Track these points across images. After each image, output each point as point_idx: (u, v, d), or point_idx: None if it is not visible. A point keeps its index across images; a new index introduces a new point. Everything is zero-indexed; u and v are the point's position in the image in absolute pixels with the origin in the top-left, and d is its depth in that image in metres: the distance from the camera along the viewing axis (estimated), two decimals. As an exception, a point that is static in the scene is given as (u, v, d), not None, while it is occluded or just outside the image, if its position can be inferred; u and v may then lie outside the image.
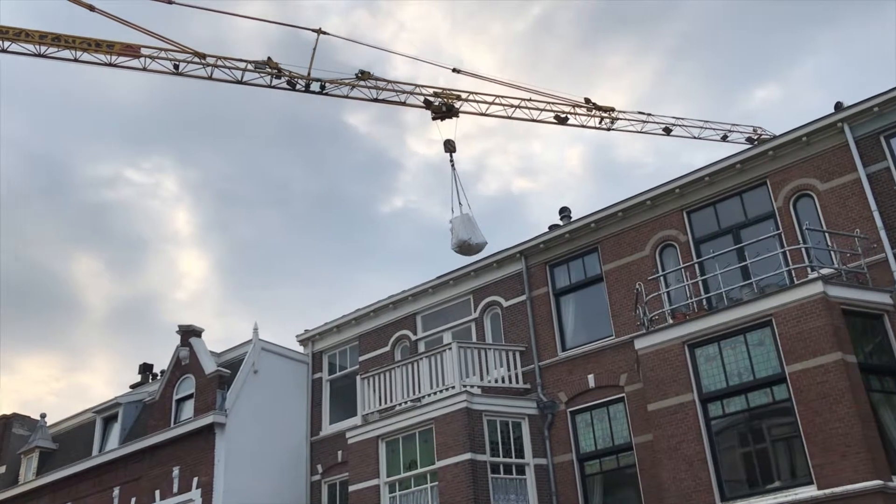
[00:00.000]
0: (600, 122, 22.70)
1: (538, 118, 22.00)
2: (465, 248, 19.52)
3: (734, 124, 23.69)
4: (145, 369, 27.53)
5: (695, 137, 23.14)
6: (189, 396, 21.78)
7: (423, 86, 21.31)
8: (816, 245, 14.88)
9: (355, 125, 67.74)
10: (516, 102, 21.78)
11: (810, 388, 12.76)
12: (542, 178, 67.32)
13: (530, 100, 21.91)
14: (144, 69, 19.03)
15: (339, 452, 20.55)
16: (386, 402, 18.35)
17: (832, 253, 14.76)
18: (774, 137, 16.31)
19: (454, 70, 22.12)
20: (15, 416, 27.30)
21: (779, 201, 16.02)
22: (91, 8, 18.87)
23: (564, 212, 20.28)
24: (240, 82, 19.79)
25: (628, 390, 16.47)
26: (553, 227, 19.34)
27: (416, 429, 17.25)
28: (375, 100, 21.05)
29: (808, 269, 14.48)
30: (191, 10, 20.40)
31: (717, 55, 63.12)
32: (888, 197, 14.70)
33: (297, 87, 20.32)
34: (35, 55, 18.34)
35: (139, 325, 64.44)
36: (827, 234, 14.98)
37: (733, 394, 13.75)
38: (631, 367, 16.34)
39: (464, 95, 21.40)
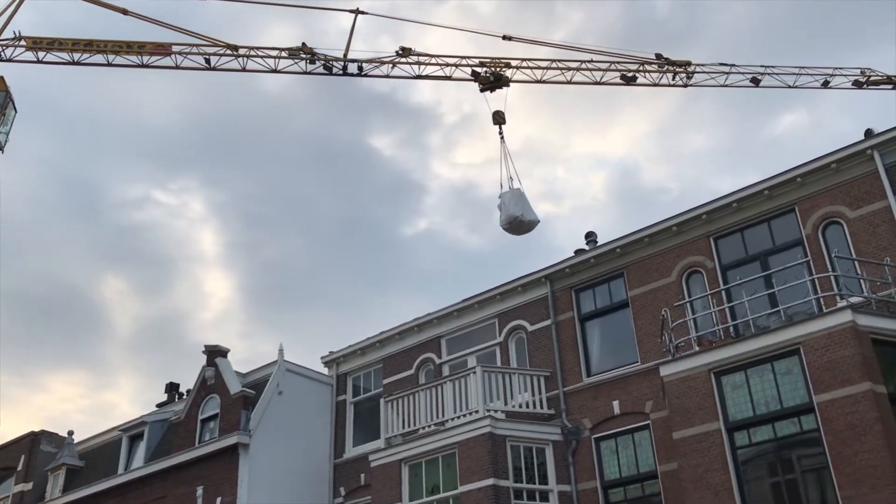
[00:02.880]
0: (674, 78, 20.42)
1: (602, 80, 20.02)
2: (515, 225, 18.19)
3: (837, 67, 20.87)
4: (171, 388, 27.79)
5: (789, 87, 20.51)
6: (214, 416, 21.92)
7: (469, 57, 19.79)
8: (845, 273, 14.71)
9: (380, 148, 68.25)
10: (575, 65, 19.91)
11: (839, 419, 12.57)
12: (565, 203, 67.32)
13: (591, 61, 20.01)
14: (177, 67, 18.67)
15: (363, 475, 20.52)
16: (409, 426, 18.32)
17: (861, 281, 14.57)
18: (803, 164, 16.17)
19: (504, 37, 20.49)
20: (43, 433, 27.51)
21: (807, 228, 15.88)
22: (125, 11, 18.76)
23: (590, 236, 20.21)
24: (275, 71, 19.09)
25: (654, 417, 16.32)
26: (579, 252, 19.29)
27: (440, 453, 17.19)
28: (419, 76, 19.70)
29: (837, 298, 14.31)
30: (223, 4, 19.98)
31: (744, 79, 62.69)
32: (919, 225, 14.51)
33: (335, 70, 19.34)
34: (69, 63, 18.25)
35: (164, 344, 65.06)
36: (856, 262, 14.81)
37: (760, 423, 13.57)
38: (656, 394, 16.20)
39: (514, 63, 19.76)
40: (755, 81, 20.51)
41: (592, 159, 66.11)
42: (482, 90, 19.72)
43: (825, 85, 20.52)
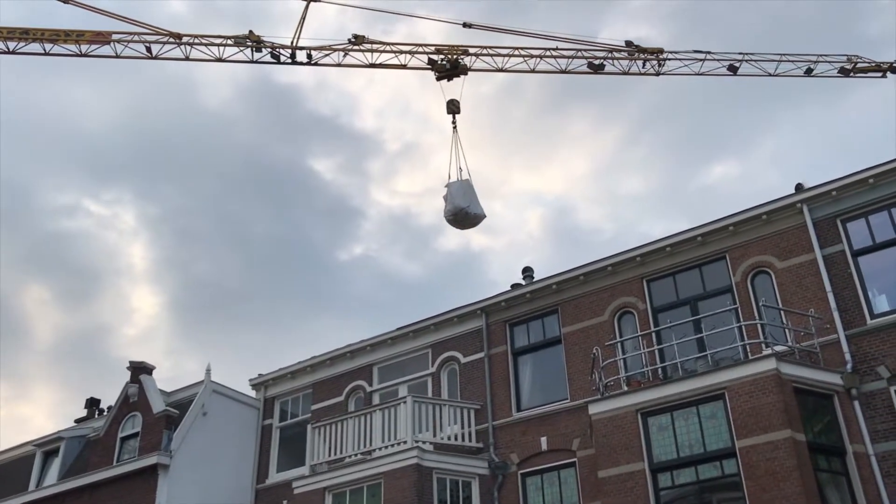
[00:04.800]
0: (644, 66, 19.71)
1: (568, 68, 19.36)
2: (460, 217, 17.72)
3: (821, 54, 19.96)
4: (92, 404, 26.90)
5: (770, 74, 19.76)
6: (135, 435, 21.29)
7: (425, 44, 19.11)
8: (771, 322, 15.13)
9: (320, 171, 67.93)
10: (538, 53, 19.24)
11: (759, 464, 12.84)
12: (502, 237, 67.77)
13: (556, 49, 19.39)
14: (117, 56, 18.22)
15: (285, 502, 20.12)
16: (336, 454, 18.07)
17: (786, 331, 15.00)
18: (735, 214, 16.63)
19: (465, 25, 19.73)
20: (-49, 444, 26.43)
21: (737, 276, 16.29)
22: (65, 0, 18.30)
23: (527, 272, 20.36)
24: (220, 60, 18.60)
25: (580, 455, 16.43)
26: (515, 286, 19.42)
27: (365, 482, 16.99)
28: (372, 65, 19.07)
29: (763, 346, 14.71)
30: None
31: (679, 128, 64.54)
32: (842, 279, 15.03)
33: (282, 59, 18.89)
34: (4, 52, 17.70)
35: (85, 358, 63.02)
36: (782, 312, 15.24)
37: (684, 465, 13.78)
38: (584, 431, 16.33)
39: (472, 50, 19.04)
40: (732, 69, 19.84)
41: (530, 196, 66.86)
42: (438, 79, 19.26)
43: (808, 73, 19.89)
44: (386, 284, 66.39)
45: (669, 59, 19.68)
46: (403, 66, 19.17)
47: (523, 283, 19.70)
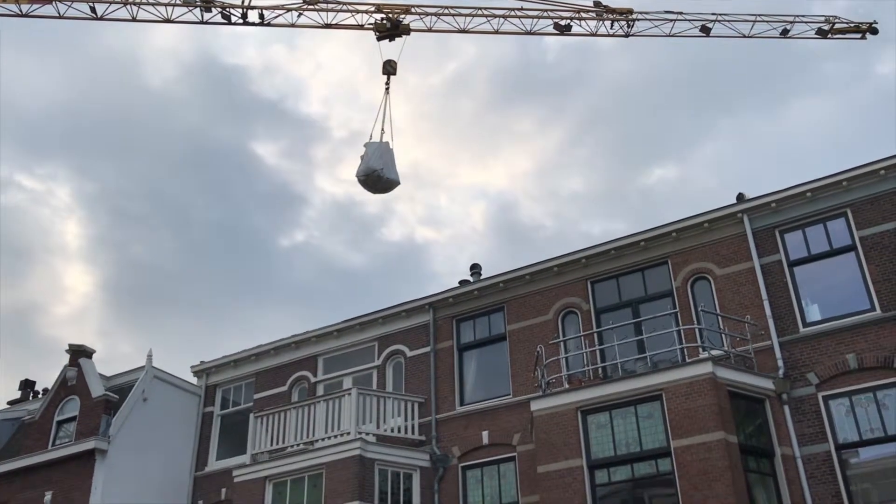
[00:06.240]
0: (612, 27, 19.09)
1: (533, 29, 18.76)
2: (373, 179, 17.39)
3: (798, 15, 19.49)
4: (26, 386, 26.40)
5: (744, 36, 19.15)
6: (72, 419, 20.98)
7: (366, 2, 18.44)
8: (709, 327, 15.65)
9: (263, 155, 67.29)
10: (501, 13, 18.64)
11: (692, 464, 13.31)
12: (445, 230, 68.23)
13: (521, 9, 18.80)
14: (60, 16, 17.73)
15: (224, 490, 20.09)
16: (278, 443, 18.11)
17: (723, 336, 15.53)
18: (678, 221, 17.12)
19: None
20: None
21: (678, 281, 16.79)
22: None
23: (475, 268, 20.64)
24: (168, 20, 18.04)
25: (520, 450, 16.76)
26: (463, 283, 19.68)
27: (307, 472, 17.08)
28: (328, 25, 18.47)
29: (700, 349, 15.20)
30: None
31: (621, 131, 65.62)
32: (778, 288, 15.62)
33: (234, 19, 18.38)
34: None
35: (14, 336, 61.43)
36: (720, 317, 15.77)
37: (620, 463, 14.18)
38: (525, 427, 16.67)
39: (417, 9, 18.41)
40: (705, 30, 19.29)
41: (475, 190, 67.39)
42: (379, 38, 18.73)
43: (784, 34, 19.32)
44: (328, 273, 66.27)
45: (639, 20, 19.16)
46: (360, 27, 18.61)
47: (471, 279, 19.97)
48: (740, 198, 16.99)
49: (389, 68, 19.03)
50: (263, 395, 21.16)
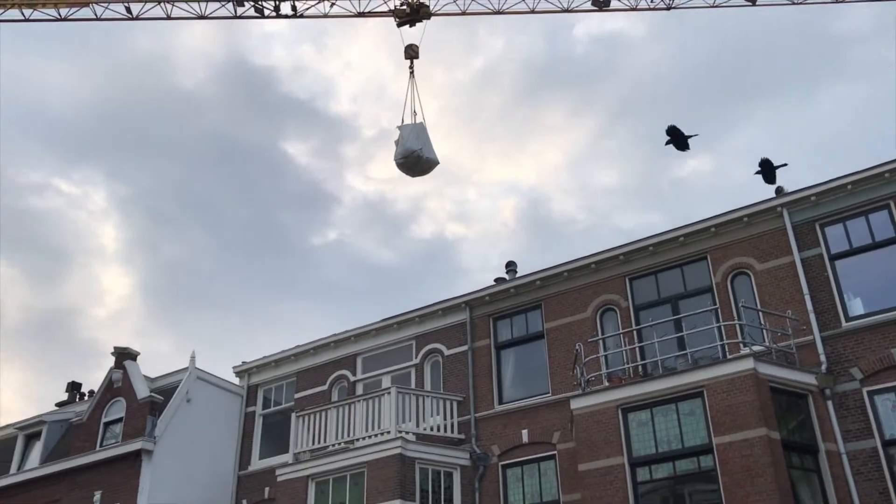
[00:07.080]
0: (654, 1, 18.07)
1: (571, 6, 18.05)
2: (412, 161, 16.97)
3: None
4: (73, 388, 26.92)
5: (792, 3, 18.25)
6: (118, 420, 21.43)
7: None
8: (750, 322, 15.53)
9: (293, 154, 67.76)
10: None
11: (735, 461, 13.23)
12: (475, 226, 68.05)
13: None
14: (98, 18, 17.92)
15: (267, 489, 20.37)
16: (319, 442, 18.31)
17: (764, 331, 15.40)
18: (717, 216, 16.98)
19: None
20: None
21: (717, 277, 16.67)
22: None
23: (511, 266, 20.62)
24: (202, 17, 18.17)
25: (560, 448, 16.77)
26: (499, 280, 19.71)
27: (348, 471, 17.26)
28: (361, 14, 18.29)
29: (741, 345, 15.09)
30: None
31: (653, 121, 64.92)
32: (819, 282, 15.44)
33: (266, 12, 18.48)
34: None
35: (55, 338, 62.64)
36: (760, 313, 15.63)
37: (662, 460, 14.15)
38: (564, 425, 16.67)
39: None
40: None
41: (504, 185, 67.13)
42: (399, 24, 18.56)
43: None
44: (360, 270, 66.51)
45: None
46: (392, 13, 18.42)
47: (506, 277, 20.00)
48: (779, 192, 16.81)
49: (412, 52, 18.92)
50: (304, 395, 21.40)
